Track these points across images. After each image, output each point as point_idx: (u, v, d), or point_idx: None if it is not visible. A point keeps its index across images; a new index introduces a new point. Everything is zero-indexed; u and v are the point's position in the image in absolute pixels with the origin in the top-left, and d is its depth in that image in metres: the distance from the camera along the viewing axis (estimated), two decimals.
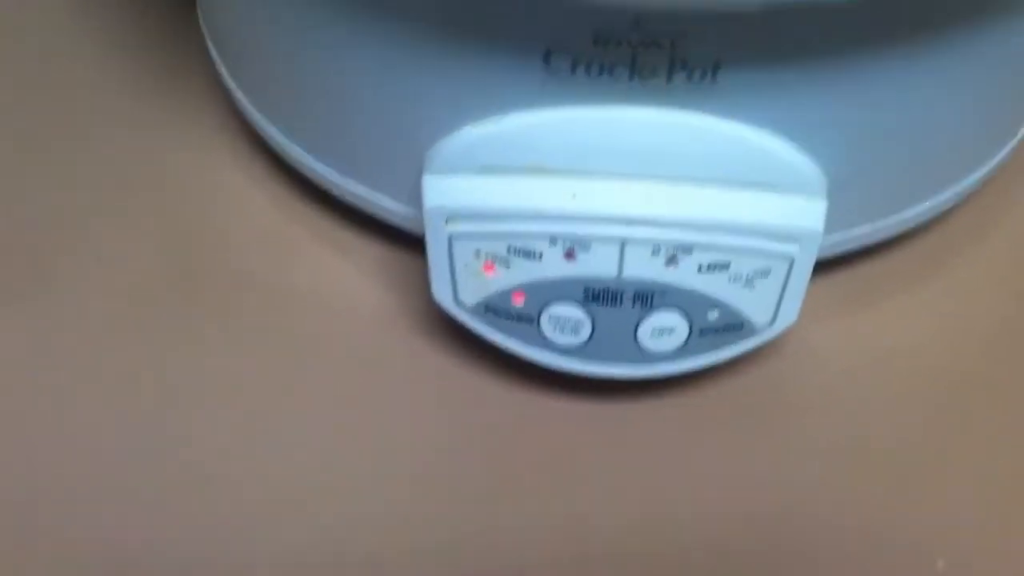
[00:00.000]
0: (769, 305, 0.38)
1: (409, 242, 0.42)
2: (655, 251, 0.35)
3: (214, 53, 0.45)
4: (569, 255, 0.36)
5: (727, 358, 0.39)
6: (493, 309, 0.38)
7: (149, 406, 0.41)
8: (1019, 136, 0.43)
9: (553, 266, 0.36)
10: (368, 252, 0.45)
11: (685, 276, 0.36)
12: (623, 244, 0.35)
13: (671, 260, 0.35)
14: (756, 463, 0.40)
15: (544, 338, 0.38)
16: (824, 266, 0.43)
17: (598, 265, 0.36)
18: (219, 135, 0.49)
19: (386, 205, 0.41)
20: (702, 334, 0.38)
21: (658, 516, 0.39)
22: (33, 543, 0.38)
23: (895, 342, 0.43)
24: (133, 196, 0.47)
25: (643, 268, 0.36)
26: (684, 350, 0.38)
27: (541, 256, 0.36)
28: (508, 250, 0.36)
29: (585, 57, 0.32)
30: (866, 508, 0.39)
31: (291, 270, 0.45)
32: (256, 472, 0.40)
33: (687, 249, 0.35)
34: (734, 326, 0.38)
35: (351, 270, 0.45)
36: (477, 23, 0.31)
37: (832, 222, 0.36)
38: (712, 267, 0.36)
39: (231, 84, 0.44)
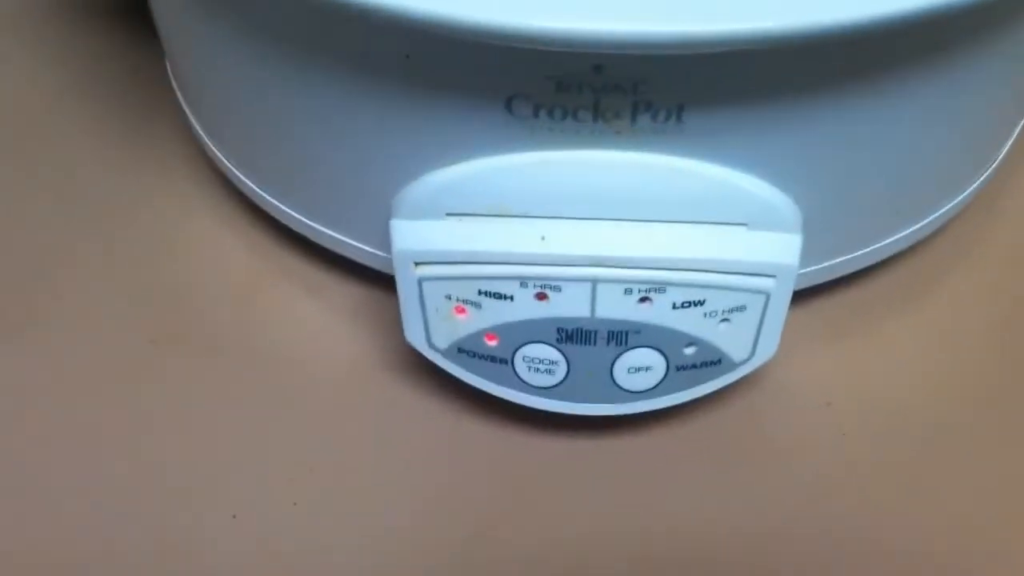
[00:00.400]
0: (747, 340, 0.37)
1: (384, 282, 0.42)
2: (628, 291, 0.35)
3: (182, 101, 0.44)
4: (541, 296, 0.35)
5: (705, 394, 0.38)
6: (467, 351, 0.38)
7: (121, 453, 0.40)
8: (995, 163, 0.42)
9: (525, 308, 0.36)
10: (343, 293, 0.45)
11: (659, 314, 0.35)
12: (595, 284, 0.35)
13: (644, 299, 0.35)
14: (736, 497, 0.40)
15: (519, 379, 0.38)
16: (802, 295, 0.42)
17: (570, 305, 0.35)
18: (191, 180, 0.49)
19: (357, 248, 0.40)
20: (679, 370, 0.37)
21: (638, 551, 0.38)
22: None
23: (876, 372, 0.43)
24: (104, 242, 0.47)
25: (616, 308, 0.35)
26: (661, 387, 0.38)
27: (512, 298, 0.35)
28: (479, 293, 0.36)
29: (548, 102, 0.31)
30: (848, 543, 0.39)
31: (265, 313, 0.44)
32: (233, 522, 0.39)
33: (660, 288, 0.35)
34: (712, 362, 0.37)
35: (325, 311, 0.44)
36: (438, 72, 0.31)
37: (808, 254, 0.35)
38: (687, 304, 0.35)
39: (200, 132, 0.44)
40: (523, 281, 0.35)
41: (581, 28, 0.27)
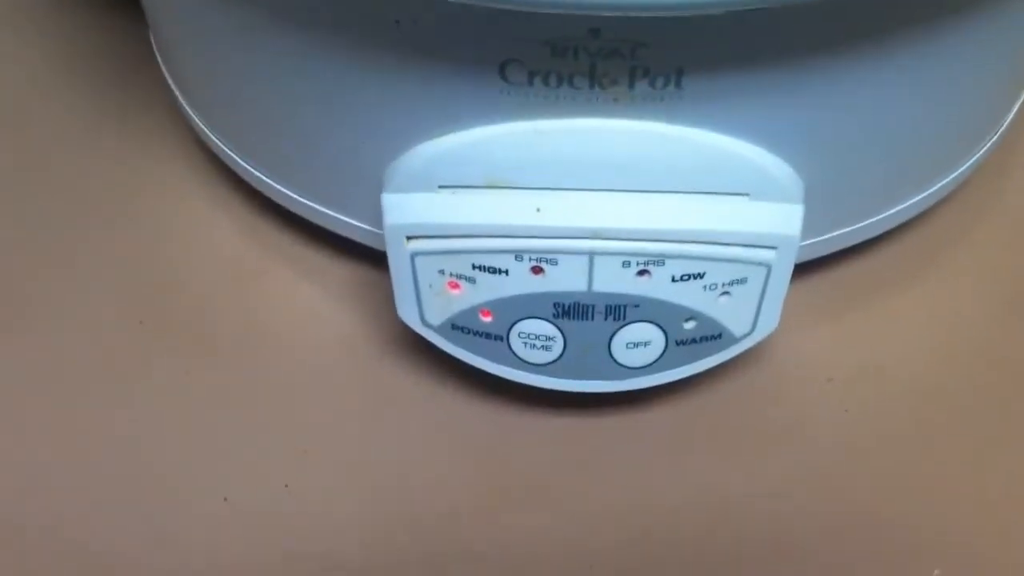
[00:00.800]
0: (748, 313, 0.36)
1: (378, 260, 0.41)
2: (625, 263, 0.34)
3: (170, 79, 0.43)
4: (536, 270, 0.34)
5: (706, 369, 0.38)
6: (461, 328, 0.37)
7: (114, 438, 0.40)
8: (998, 133, 0.41)
9: (520, 282, 0.35)
10: (336, 272, 0.44)
11: (658, 287, 0.35)
12: (592, 257, 0.34)
13: (643, 272, 0.34)
14: (739, 474, 0.39)
15: (515, 355, 0.37)
16: (804, 269, 0.42)
17: (567, 279, 0.34)
18: (181, 160, 0.48)
19: (349, 224, 0.40)
20: (679, 345, 0.37)
21: (643, 530, 0.38)
22: None
23: (880, 347, 0.42)
24: (97, 223, 0.46)
25: (614, 281, 0.34)
26: (661, 362, 0.37)
27: (507, 272, 0.35)
28: (473, 267, 0.35)
29: (543, 68, 0.30)
30: (858, 516, 0.38)
31: (258, 293, 0.44)
32: (231, 498, 0.38)
33: (659, 260, 0.34)
34: (712, 336, 0.37)
35: (319, 291, 0.43)
36: (430, 38, 0.30)
37: (809, 226, 0.35)
38: (686, 277, 0.35)
39: (189, 110, 0.43)
40: (518, 255, 0.34)
41: None
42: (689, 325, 0.36)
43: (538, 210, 0.33)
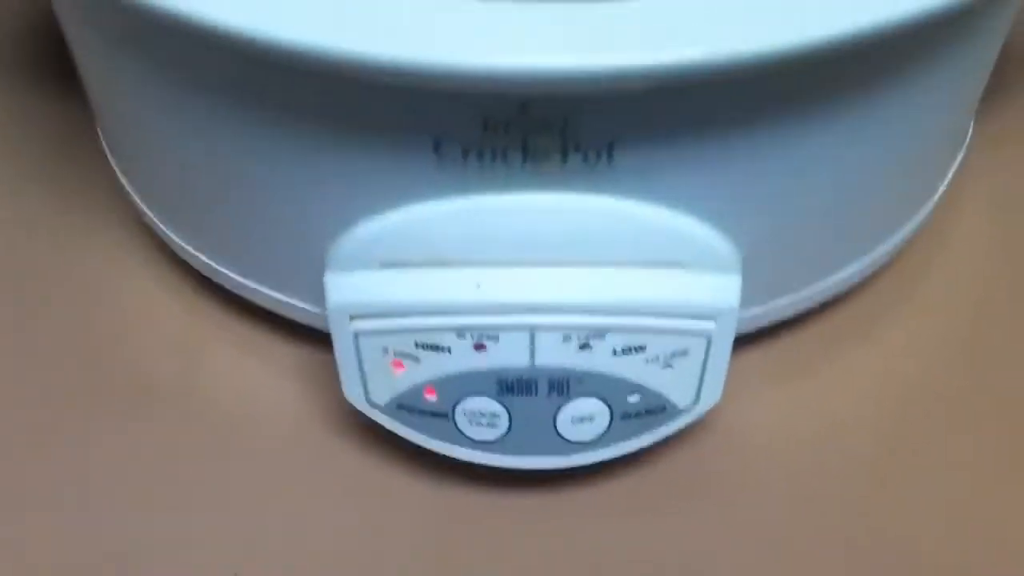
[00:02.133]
0: (690, 385, 0.36)
1: (322, 340, 0.41)
2: (567, 338, 0.34)
3: (111, 158, 0.44)
4: (479, 347, 0.34)
5: (652, 442, 0.37)
6: (406, 406, 0.37)
7: (51, 523, 0.39)
8: (937, 196, 0.42)
9: (463, 359, 0.35)
10: (281, 352, 0.44)
11: (600, 361, 0.35)
12: (533, 332, 0.34)
13: (584, 346, 0.34)
14: (687, 545, 0.39)
15: (460, 433, 0.37)
16: (748, 338, 0.42)
17: (509, 355, 0.34)
18: (124, 237, 0.48)
19: (292, 305, 0.40)
20: (624, 419, 0.37)
21: None
22: None
23: (824, 413, 0.42)
24: (40, 303, 0.46)
25: (556, 355, 0.34)
26: (607, 436, 0.37)
27: (450, 350, 0.35)
28: (416, 345, 0.35)
29: (476, 144, 0.31)
30: None
31: (203, 374, 0.43)
32: None
33: (600, 334, 0.34)
34: (656, 409, 0.37)
35: (264, 372, 0.43)
36: (363, 117, 0.30)
37: (749, 295, 0.35)
38: (627, 350, 0.35)
39: (129, 190, 0.43)
40: (460, 331, 0.34)
41: (499, 65, 0.27)
42: (633, 398, 0.36)
43: (478, 286, 0.34)
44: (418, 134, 0.31)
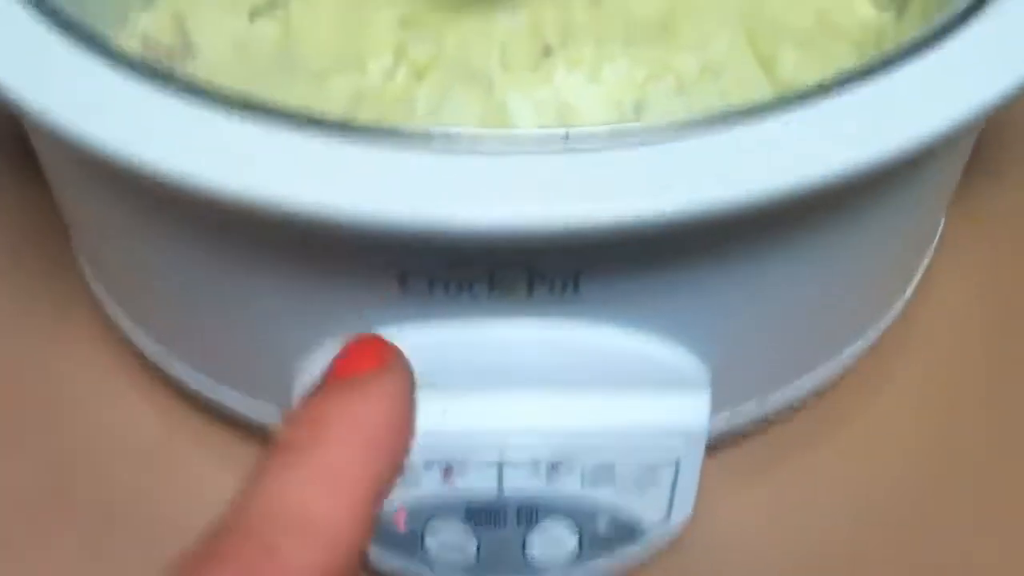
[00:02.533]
0: (661, 504, 0.36)
1: None
2: (534, 464, 0.34)
3: (87, 271, 0.43)
4: (446, 475, 0.34)
5: (624, 563, 0.37)
6: (376, 531, 0.36)
7: None
8: (905, 297, 0.42)
9: (431, 486, 0.34)
10: (252, 460, 0.43)
11: (569, 486, 0.34)
12: (501, 460, 0.34)
13: (552, 471, 0.34)
14: None
15: (430, 559, 0.36)
16: (716, 445, 0.42)
17: (477, 483, 0.34)
18: (100, 347, 0.47)
19: (264, 413, 0.39)
20: (594, 542, 0.36)
21: None
22: None
23: (796, 515, 0.42)
24: (9, 409, 0.44)
25: (524, 482, 0.34)
26: (578, 560, 0.36)
27: (417, 477, 0.34)
28: None
29: (442, 278, 0.31)
30: None
31: (176, 482, 0.42)
32: None
33: (567, 459, 0.34)
34: (627, 530, 0.36)
35: (234, 480, 0.42)
36: (329, 257, 0.30)
37: (718, 404, 0.35)
38: (596, 474, 0.34)
39: (97, 295, 0.43)
40: (427, 461, 0.34)
41: (462, 220, 0.27)
42: (603, 521, 0.36)
43: (444, 413, 0.33)
44: (384, 269, 0.30)
